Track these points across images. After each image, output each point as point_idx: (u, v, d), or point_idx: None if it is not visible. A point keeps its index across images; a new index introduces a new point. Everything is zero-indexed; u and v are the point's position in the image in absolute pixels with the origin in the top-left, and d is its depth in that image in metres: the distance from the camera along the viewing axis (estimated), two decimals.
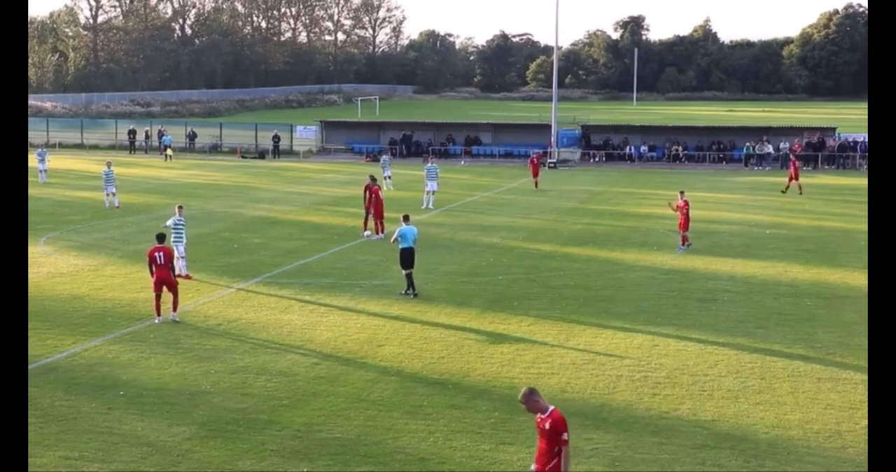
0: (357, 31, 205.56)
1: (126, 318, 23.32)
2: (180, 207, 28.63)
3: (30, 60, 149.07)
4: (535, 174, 52.83)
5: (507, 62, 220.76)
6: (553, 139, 71.84)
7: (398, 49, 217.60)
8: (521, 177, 58.45)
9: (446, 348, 20.81)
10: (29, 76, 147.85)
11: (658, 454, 15.02)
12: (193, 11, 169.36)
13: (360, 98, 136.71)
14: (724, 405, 17.22)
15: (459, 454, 15.01)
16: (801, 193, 49.71)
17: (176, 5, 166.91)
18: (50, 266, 29.38)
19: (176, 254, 26.39)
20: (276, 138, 75.61)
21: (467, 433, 15.87)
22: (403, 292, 25.87)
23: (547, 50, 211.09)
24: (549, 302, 25.32)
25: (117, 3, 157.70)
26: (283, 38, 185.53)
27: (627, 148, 72.96)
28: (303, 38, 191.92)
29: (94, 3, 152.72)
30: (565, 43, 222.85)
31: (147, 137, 79.26)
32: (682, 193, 33.73)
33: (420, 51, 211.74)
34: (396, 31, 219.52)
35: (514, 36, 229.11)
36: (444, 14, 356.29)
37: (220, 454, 14.98)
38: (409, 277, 25.86)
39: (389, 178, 51.46)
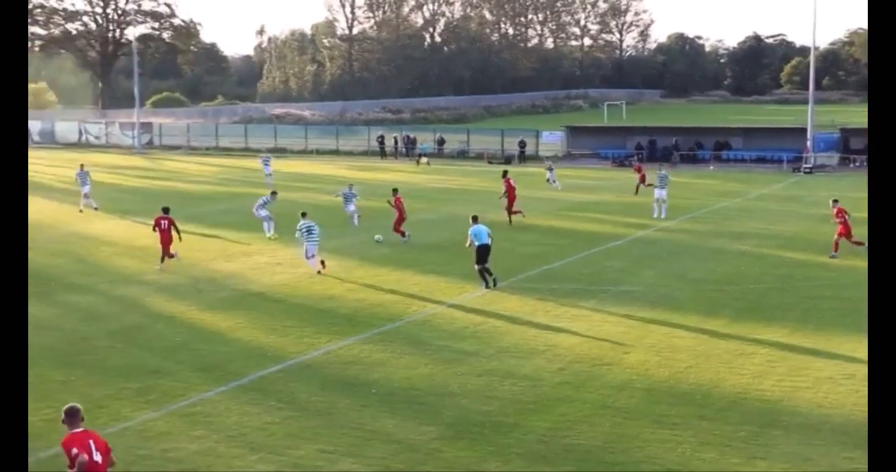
0: (604, 35, 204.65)
1: (377, 318, 24.03)
2: (304, 214, 30.81)
3: (290, 71, 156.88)
4: (643, 180, 50.65)
5: (761, 64, 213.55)
6: (809, 144, 68.98)
7: (645, 53, 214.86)
8: (775, 183, 56.50)
9: (694, 358, 20.31)
10: (290, 86, 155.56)
11: None
12: (443, 20, 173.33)
13: (606, 103, 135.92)
14: None
15: (708, 467, 14.59)
16: None
17: (427, 15, 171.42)
18: (307, 267, 30.64)
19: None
20: (522, 144, 76.16)
21: (716, 445, 15.41)
22: (485, 287, 27.22)
23: (803, 50, 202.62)
24: (803, 313, 24.30)
25: (371, 15, 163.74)
26: (529, 45, 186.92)
27: None
28: (549, 43, 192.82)
29: (350, 15, 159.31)
30: (823, 42, 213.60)
31: (396, 142, 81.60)
32: (834, 201, 32.92)
33: (668, 54, 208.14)
34: (644, 34, 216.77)
35: (767, 37, 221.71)
36: (693, 16, 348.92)
37: (466, 455, 15.18)
38: (485, 271, 27.30)
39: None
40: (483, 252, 27.46)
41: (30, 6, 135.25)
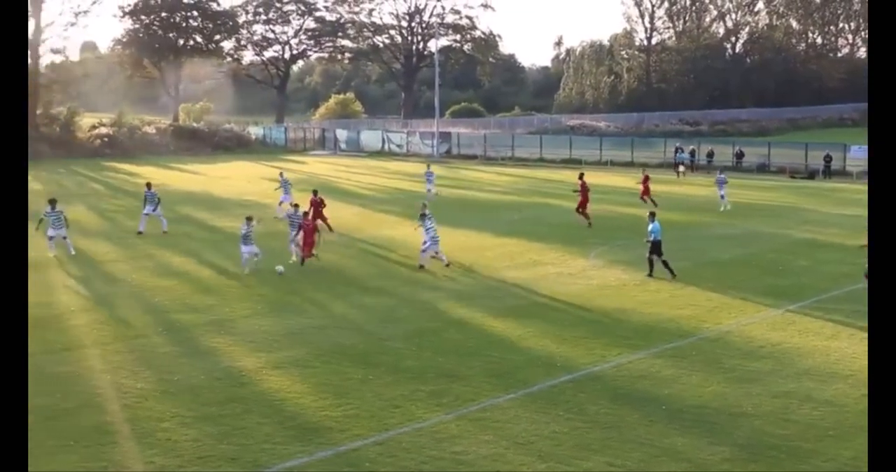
0: None
1: (668, 333, 23.58)
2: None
3: (587, 82, 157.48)
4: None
5: None
6: None
7: None
8: None
9: None
10: (586, 97, 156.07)
11: None
12: (746, 30, 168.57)
13: None
14: None
15: None
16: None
17: (729, 25, 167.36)
18: (599, 279, 30.55)
19: None
20: (828, 158, 72.72)
21: None
22: (648, 274, 30.65)
23: None
24: None
25: (671, 25, 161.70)
26: (839, 55, 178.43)
27: None
28: (860, 53, 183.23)
29: (649, 26, 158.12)
30: None
31: (693, 155, 79.84)
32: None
33: None
34: None
35: None
36: None
37: None
38: (656, 262, 30.58)
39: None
40: (659, 246, 30.56)
41: (341, 21, 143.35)
